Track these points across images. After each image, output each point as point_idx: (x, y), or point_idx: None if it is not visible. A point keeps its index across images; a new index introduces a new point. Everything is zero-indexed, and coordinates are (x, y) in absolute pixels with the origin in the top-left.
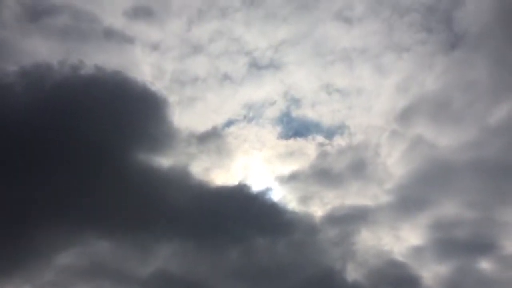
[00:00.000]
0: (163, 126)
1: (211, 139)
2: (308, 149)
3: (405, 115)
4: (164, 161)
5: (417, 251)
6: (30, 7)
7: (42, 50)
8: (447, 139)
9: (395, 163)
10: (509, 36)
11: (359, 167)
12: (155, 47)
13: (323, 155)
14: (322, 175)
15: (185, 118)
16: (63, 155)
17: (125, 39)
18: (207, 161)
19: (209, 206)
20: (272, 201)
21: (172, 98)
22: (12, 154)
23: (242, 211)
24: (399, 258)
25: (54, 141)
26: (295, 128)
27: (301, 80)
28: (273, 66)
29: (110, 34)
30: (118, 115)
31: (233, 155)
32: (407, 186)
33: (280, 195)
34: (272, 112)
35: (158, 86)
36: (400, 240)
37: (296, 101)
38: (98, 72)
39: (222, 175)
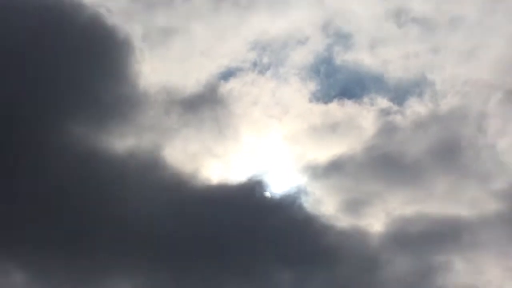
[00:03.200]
0: (120, 81)
1: (200, 102)
2: (362, 120)
3: None
4: (121, 141)
5: None
6: None
7: None
8: None
9: (510, 146)
10: None
11: (447, 151)
12: None
13: (386, 129)
14: (384, 163)
15: (153, 65)
16: None
17: None
18: (192, 139)
19: (197, 214)
20: (300, 207)
21: (132, 31)
22: None
23: (252, 224)
24: None
25: None
26: (340, 84)
27: (353, 2)
28: None
29: None
30: (51, 61)
31: (234, 129)
32: None
33: (312, 197)
34: (302, 56)
35: (107, 9)
36: None
37: (343, 39)
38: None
39: (214, 161)
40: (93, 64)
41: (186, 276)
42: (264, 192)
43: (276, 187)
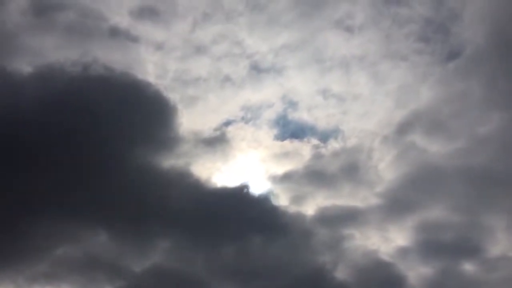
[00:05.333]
0: (166, 126)
1: (212, 139)
2: (303, 151)
3: (399, 122)
4: (165, 160)
5: (404, 252)
6: (36, 2)
7: (48, 47)
8: (437, 146)
9: (386, 167)
10: (502, 52)
11: (351, 170)
12: (159, 46)
13: (317, 157)
14: (315, 176)
15: (186, 117)
16: (65, 152)
17: (130, 38)
18: (207, 160)
19: (209, 204)
20: (268, 201)
21: (173, 97)
22: (20, 151)
23: (240, 210)
24: (386, 258)
25: (59, 139)
26: (291, 130)
27: (299, 85)
28: (273, 70)
29: (115, 33)
30: (124, 115)
31: (230, 154)
32: (397, 190)
33: (274, 195)
34: (270, 114)
35: (160, 84)
36: (388, 241)
37: (293, 104)
38: (106, 72)
39: (219, 173)
40: (153, 116)
41: (199, 239)
42: (248, 192)
43: (255, 189)
